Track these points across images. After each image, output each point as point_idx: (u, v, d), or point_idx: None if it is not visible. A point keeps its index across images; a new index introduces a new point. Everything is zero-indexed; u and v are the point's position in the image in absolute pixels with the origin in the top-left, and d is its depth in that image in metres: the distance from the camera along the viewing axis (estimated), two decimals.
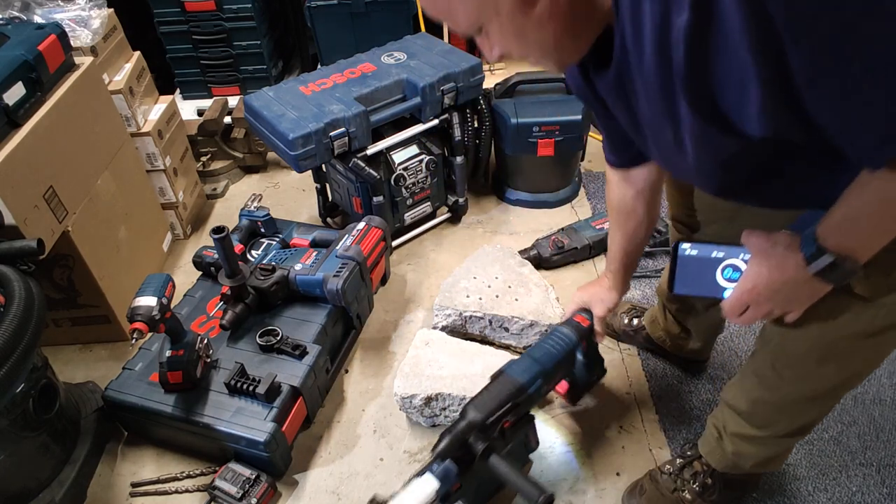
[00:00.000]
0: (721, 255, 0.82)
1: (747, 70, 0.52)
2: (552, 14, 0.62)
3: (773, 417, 0.98)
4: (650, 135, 0.76)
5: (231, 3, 2.12)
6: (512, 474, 0.93)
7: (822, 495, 1.21)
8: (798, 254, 0.68)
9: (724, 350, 1.50)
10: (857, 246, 0.64)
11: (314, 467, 1.31)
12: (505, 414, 1.01)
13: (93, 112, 1.52)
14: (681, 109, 0.62)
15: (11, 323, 0.99)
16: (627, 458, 1.29)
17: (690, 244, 0.85)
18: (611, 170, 1.04)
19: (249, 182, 2.22)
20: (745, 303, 0.76)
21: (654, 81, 0.61)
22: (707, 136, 0.64)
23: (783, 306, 0.75)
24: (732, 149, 0.65)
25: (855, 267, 0.65)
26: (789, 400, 0.93)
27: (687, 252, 0.85)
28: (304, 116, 1.52)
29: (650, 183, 1.00)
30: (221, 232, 1.25)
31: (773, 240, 0.72)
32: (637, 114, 0.73)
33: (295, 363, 1.33)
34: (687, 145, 0.67)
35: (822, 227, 0.65)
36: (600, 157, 2.21)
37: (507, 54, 0.69)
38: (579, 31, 0.67)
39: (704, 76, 0.56)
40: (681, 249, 0.85)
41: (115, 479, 1.32)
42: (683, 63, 0.56)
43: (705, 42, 0.53)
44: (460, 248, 1.86)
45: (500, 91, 1.91)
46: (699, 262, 0.84)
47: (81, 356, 1.60)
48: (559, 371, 1.15)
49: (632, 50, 0.62)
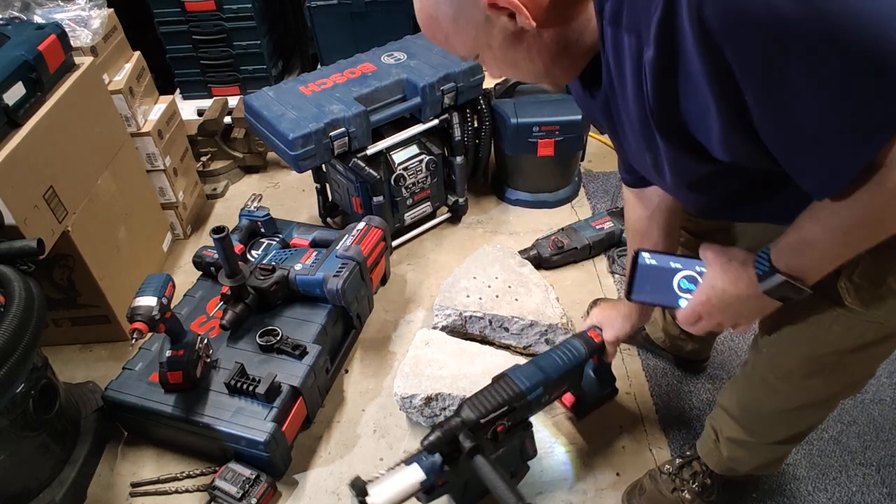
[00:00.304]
0: (678, 266, 0.84)
1: (707, 102, 0.56)
2: (539, 49, 0.69)
3: (767, 425, 0.98)
4: (634, 159, 0.81)
5: (231, 3, 2.12)
6: (493, 477, 0.92)
7: (822, 495, 1.21)
8: (751, 270, 0.71)
9: (724, 350, 1.50)
10: (807, 269, 0.66)
11: (314, 467, 1.31)
12: (500, 417, 1.01)
13: (93, 112, 1.52)
14: (656, 137, 0.65)
15: (11, 323, 0.99)
16: (627, 458, 1.29)
17: (650, 254, 0.87)
18: (626, 189, 1.04)
19: (249, 182, 2.22)
20: (698, 314, 0.79)
21: (634, 111, 0.65)
22: (680, 162, 0.68)
23: (733, 319, 0.78)
24: (704, 172, 0.68)
25: (803, 287, 0.67)
26: (782, 409, 0.93)
27: (647, 261, 0.87)
28: (304, 116, 1.52)
29: (665, 205, 0.99)
30: (221, 232, 1.25)
31: (729, 255, 0.74)
32: (621, 137, 0.77)
33: (295, 363, 1.33)
34: (665, 171, 0.71)
35: (776, 248, 0.68)
36: (600, 157, 2.21)
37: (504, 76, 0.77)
38: (567, 62, 0.72)
39: (672, 107, 0.60)
40: (640, 258, 0.87)
41: (115, 479, 1.32)
42: (652, 95, 0.60)
43: (671, 75, 0.57)
44: (460, 248, 1.86)
45: (500, 91, 1.91)
46: (657, 271, 0.86)
47: (81, 356, 1.60)
48: (563, 383, 1.14)
49: (616, 81, 0.66)
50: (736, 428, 1.01)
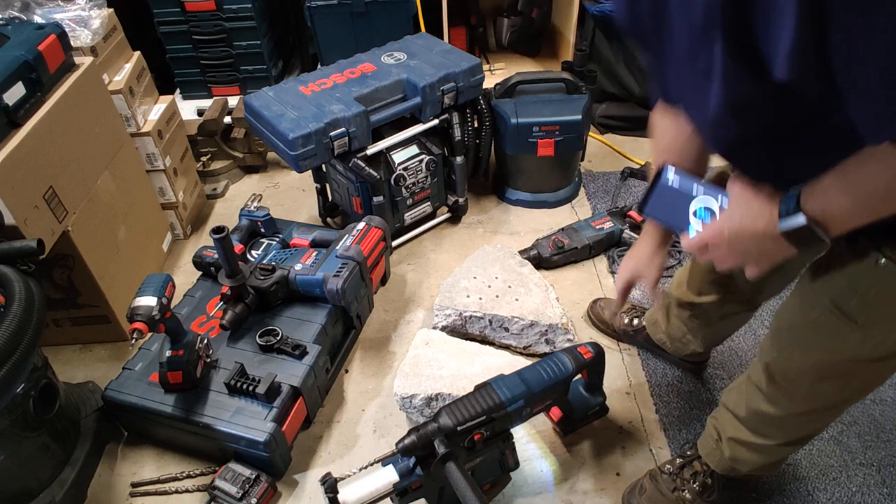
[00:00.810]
0: (700, 193, 0.80)
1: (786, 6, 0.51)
2: None
3: (771, 428, 0.98)
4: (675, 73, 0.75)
5: (231, 3, 2.12)
6: (462, 486, 0.90)
7: (822, 495, 1.21)
8: (775, 208, 0.67)
9: (724, 350, 1.50)
10: (836, 216, 0.63)
11: (314, 467, 1.31)
12: (477, 426, 1.00)
13: (93, 112, 1.52)
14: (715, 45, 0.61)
15: (11, 323, 0.99)
16: (627, 458, 1.29)
17: (675, 172, 0.82)
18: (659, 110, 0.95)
19: (249, 182, 2.22)
20: (707, 243, 0.75)
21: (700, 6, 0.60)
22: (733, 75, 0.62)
23: (740, 257, 0.74)
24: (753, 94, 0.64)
25: (823, 237, 0.64)
26: (787, 414, 0.93)
27: (670, 179, 0.82)
28: (304, 116, 1.52)
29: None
30: (221, 232, 1.25)
31: (757, 189, 0.71)
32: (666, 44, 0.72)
33: (295, 363, 1.33)
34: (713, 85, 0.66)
35: (809, 188, 0.64)
36: (600, 157, 2.21)
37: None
38: None
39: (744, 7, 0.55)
40: (665, 173, 0.83)
41: (115, 479, 1.32)
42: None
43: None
44: (460, 248, 1.86)
45: (500, 91, 1.91)
46: (677, 191, 0.82)
47: (81, 356, 1.60)
48: (547, 396, 1.13)
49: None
50: (741, 429, 1.01)
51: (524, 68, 2.45)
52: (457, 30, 2.46)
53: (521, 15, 2.49)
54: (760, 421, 0.98)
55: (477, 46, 2.59)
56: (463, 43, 2.53)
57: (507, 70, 2.47)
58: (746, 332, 1.53)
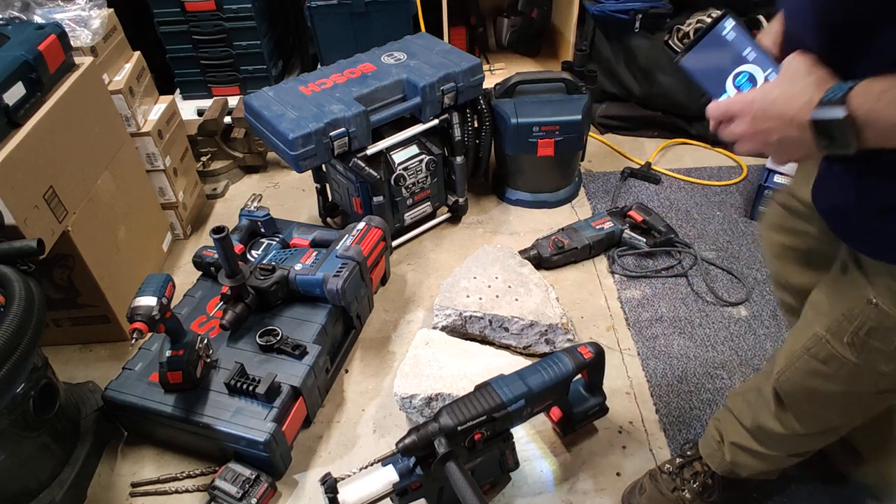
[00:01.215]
0: (751, 58, 0.71)
1: None
2: None
3: (775, 442, 0.97)
4: None
5: (231, 3, 2.12)
6: (463, 485, 0.90)
7: (825, 497, 1.21)
8: (818, 94, 0.61)
9: (725, 350, 1.50)
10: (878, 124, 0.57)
11: (314, 467, 1.31)
12: (478, 426, 1.01)
13: (93, 112, 1.52)
14: None
15: (11, 323, 0.99)
16: (627, 458, 1.29)
17: (736, 26, 0.73)
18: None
19: (249, 182, 2.22)
20: (733, 113, 0.69)
21: None
22: None
23: (760, 137, 0.68)
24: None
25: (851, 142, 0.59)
26: (792, 432, 0.92)
27: (727, 30, 0.73)
28: (304, 116, 1.52)
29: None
30: (221, 232, 1.25)
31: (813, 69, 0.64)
32: None
33: (295, 363, 1.33)
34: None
35: (865, 84, 0.58)
36: (600, 157, 2.21)
37: None
38: None
39: None
40: (724, 22, 0.73)
41: (115, 479, 1.32)
42: None
43: None
44: (460, 248, 1.86)
45: (500, 91, 1.91)
46: (729, 47, 0.73)
47: (81, 356, 1.60)
48: (547, 396, 1.13)
49: None
50: (745, 436, 1.01)
51: (524, 68, 2.46)
52: (457, 30, 2.46)
53: (521, 15, 2.50)
54: (766, 435, 0.97)
55: (477, 46, 2.59)
56: (463, 43, 2.53)
57: (507, 70, 2.48)
58: (747, 332, 1.53)
